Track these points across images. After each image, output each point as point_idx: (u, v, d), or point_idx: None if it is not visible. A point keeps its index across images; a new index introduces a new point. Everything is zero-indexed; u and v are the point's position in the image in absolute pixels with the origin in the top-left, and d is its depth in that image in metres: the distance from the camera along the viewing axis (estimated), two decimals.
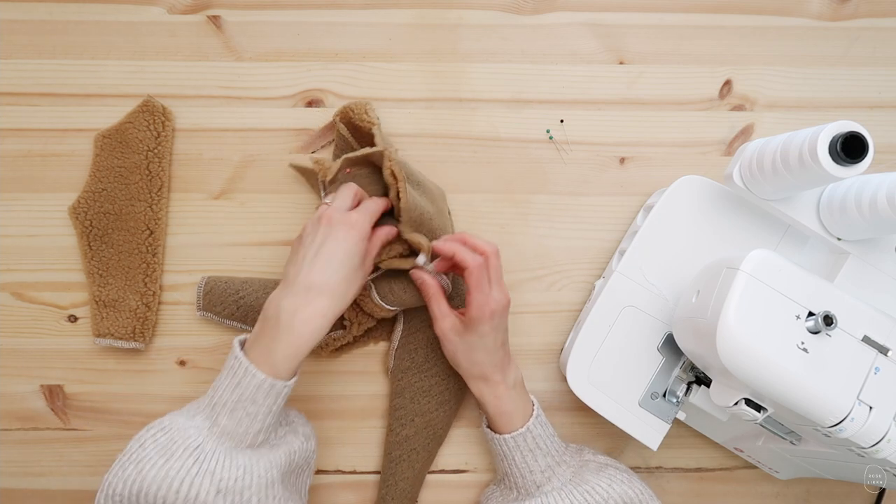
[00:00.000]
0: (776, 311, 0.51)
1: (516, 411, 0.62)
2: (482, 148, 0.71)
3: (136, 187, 0.68)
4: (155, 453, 0.50)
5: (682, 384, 0.63)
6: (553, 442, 0.63)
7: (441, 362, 0.67)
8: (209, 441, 0.52)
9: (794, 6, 0.73)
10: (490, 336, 0.60)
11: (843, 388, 0.51)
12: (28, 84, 0.70)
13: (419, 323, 0.68)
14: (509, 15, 0.72)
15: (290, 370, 0.54)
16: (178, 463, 0.50)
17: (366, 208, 0.59)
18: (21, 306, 0.69)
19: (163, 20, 0.70)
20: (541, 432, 0.62)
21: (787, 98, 0.73)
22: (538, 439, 0.62)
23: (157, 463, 0.50)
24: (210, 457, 0.51)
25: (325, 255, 0.55)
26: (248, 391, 0.53)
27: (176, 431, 0.52)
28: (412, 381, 0.67)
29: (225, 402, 0.53)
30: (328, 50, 0.71)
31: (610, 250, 0.71)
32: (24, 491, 0.69)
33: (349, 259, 0.56)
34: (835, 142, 0.47)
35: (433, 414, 0.67)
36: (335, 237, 0.55)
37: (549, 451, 0.62)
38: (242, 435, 0.53)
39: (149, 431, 0.52)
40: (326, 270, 0.55)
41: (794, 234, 0.64)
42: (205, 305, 0.67)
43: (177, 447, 0.51)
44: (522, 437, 0.61)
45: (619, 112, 0.72)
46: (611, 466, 0.62)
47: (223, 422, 0.53)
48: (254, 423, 0.53)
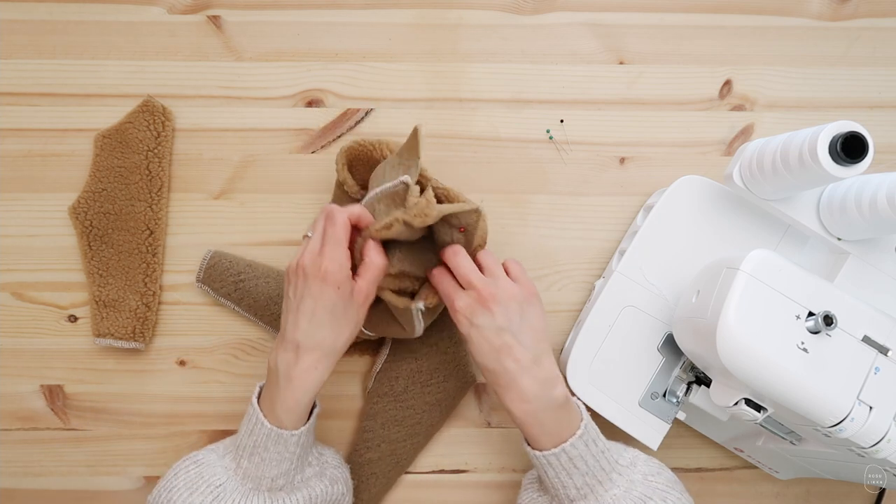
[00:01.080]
0: (776, 311, 0.51)
1: (545, 435, 0.55)
2: (482, 148, 0.71)
3: (136, 187, 0.68)
4: (184, 485, 0.54)
5: (682, 384, 0.63)
6: (598, 461, 0.55)
7: (419, 396, 0.67)
8: (231, 481, 0.55)
9: (794, 6, 0.73)
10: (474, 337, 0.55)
11: (843, 388, 0.51)
12: (28, 84, 0.70)
13: (405, 352, 0.67)
14: (509, 15, 0.72)
15: (293, 421, 0.55)
16: (199, 498, 0.53)
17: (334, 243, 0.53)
18: (21, 306, 0.69)
19: (163, 20, 0.70)
20: (581, 453, 0.55)
21: (787, 98, 0.73)
22: (576, 460, 0.55)
23: (182, 494, 0.53)
24: (228, 496, 0.54)
25: (304, 313, 0.53)
26: (261, 439, 0.55)
27: (205, 467, 0.55)
28: (387, 407, 0.67)
29: (245, 446, 0.55)
30: (328, 50, 0.71)
31: (610, 250, 0.71)
32: (24, 491, 0.69)
33: (329, 313, 0.53)
34: (835, 142, 0.47)
35: (401, 444, 0.67)
36: (310, 293, 0.53)
37: (588, 472, 0.55)
38: (261, 478, 0.55)
39: (184, 462, 0.56)
40: (308, 328, 0.54)
41: (794, 234, 0.64)
42: (204, 278, 0.67)
43: (202, 482, 0.54)
44: (556, 457, 0.55)
45: (619, 112, 0.72)
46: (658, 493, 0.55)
47: (244, 464, 0.55)
48: (270, 468, 0.55)
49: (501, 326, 0.55)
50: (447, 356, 0.68)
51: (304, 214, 0.70)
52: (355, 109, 0.71)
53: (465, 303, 0.56)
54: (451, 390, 0.68)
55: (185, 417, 0.69)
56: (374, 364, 0.68)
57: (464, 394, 0.69)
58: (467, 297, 0.56)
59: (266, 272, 0.67)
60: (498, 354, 0.55)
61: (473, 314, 0.56)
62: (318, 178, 0.70)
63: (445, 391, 0.68)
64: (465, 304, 0.56)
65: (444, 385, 0.68)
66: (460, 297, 0.56)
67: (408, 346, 0.67)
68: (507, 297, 0.56)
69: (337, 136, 0.71)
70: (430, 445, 0.70)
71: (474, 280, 0.56)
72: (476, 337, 0.56)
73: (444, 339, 0.67)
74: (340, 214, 0.54)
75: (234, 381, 0.69)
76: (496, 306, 0.55)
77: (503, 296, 0.56)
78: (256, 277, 0.67)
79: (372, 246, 0.55)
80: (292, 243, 0.70)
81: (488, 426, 0.71)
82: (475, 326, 0.56)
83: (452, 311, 0.57)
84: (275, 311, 0.66)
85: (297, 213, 0.70)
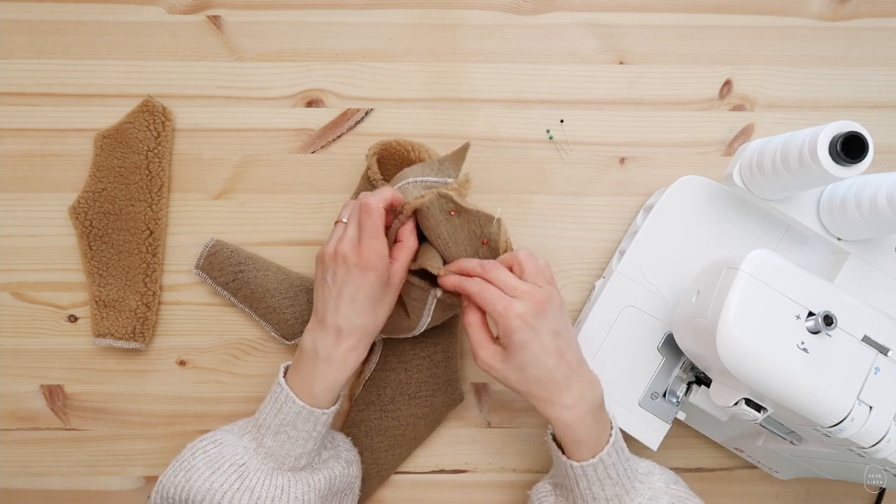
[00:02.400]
0: (776, 311, 0.51)
1: (588, 440, 0.55)
2: (482, 148, 0.71)
3: (136, 187, 0.68)
4: (204, 464, 0.54)
5: (682, 384, 0.63)
6: (626, 469, 0.56)
7: (405, 408, 0.67)
8: (254, 460, 0.55)
9: (794, 6, 0.73)
10: (534, 344, 0.54)
11: (843, 388, 0.51)
12: (28, 84, 0.70)
13: (396, 362, 0.67)
14: (509, 15, 0.72)
15: (328, 399, 0.57)
16: (222, 477, 0.53)
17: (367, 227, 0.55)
18: (21, 306, 0.69)
19: (163, 20, 0.70)
20: (614, 461, 0.55)
21: (787, 98, 0.73)
22: (609, 469, 0.55)
23: (203, 474, 0.54)
24: (252, 475, 0.54)
25: (346, 299, 0.56)
26: (290, 417, 0.55)
27: (225, 447, 0.56)
28: (371, 416, 0.67)
29: (269, 425, 0.56)
30: (328, 50, 0.71)
31: (610, 250, 0.71)
32: (24, 491, 0.69)
33: (370, 298, 0.56)
34: (835, 142, 0.47)
35: (382, 454, 0.67)
36: (352, 280, 0.55)
37: (619, 481, 0.55)
38: (284, 457, 0.56)
39: (201, 442, 0.56)
40: (350, 314, 0.56)
41: (794, 234, 0.64)
42: (204, 265, 0.67)
43: (224, 461, 0.54)
44: (593, 468, 0.55)
45: (619, 112, 0.72)
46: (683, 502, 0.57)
47: (268, 443, 0.56)
48: (295, 447, 0.56)
49: (556, 330, 0.55)
50: (438, 370, 0.67)
51: (304, 214, 0.70)
52: (355, 109, 0.71)
53: (525, 308, 0.54)
54: (438, 405, 0.68)
55: (185, 417, 0.69)
56: (364, 371, 0.68)
57: (450, 410, 0.69)
58: (524, 304, 0.54)
59: (266, 266, 0.67)
60: (556, 359, 0.55)
61: (536, 317, 0.54)
62: (318, 178, 0.70)
63: (432, 405, 0.68)
64: (525, 309, 0.53)
65: (432, 399, 0.67)
66: (518, 303, 0.54)
67: (399, 357, 0.67)
68: (549, 298, 0.55)
69: (337, 136, 0.71)
70: (430, 445, 0.70)
71: (523, 287, 0.55)
72: (535, 343, 0.54)
73: (438, 353, 0.67)
74: (376, 204, 0.55)
75: (234, 381, 0.69)
76: (550, 309, 0.55)
77: (552, 300, 0.55)
78: (256, 270, 0.67)
79: (408, 229, 0.59)
80: (292, 243, 0.70)
81: (488, 426, 0.71)
82: (535, 330, 0.54)
83: (506, 319, 0.54)
84: (270, 305, 0.66)
85: (297, 213, 0.70)
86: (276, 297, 0.66)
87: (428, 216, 0.58)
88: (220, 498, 0.53)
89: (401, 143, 0.66)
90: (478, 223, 0.58)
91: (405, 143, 0.66)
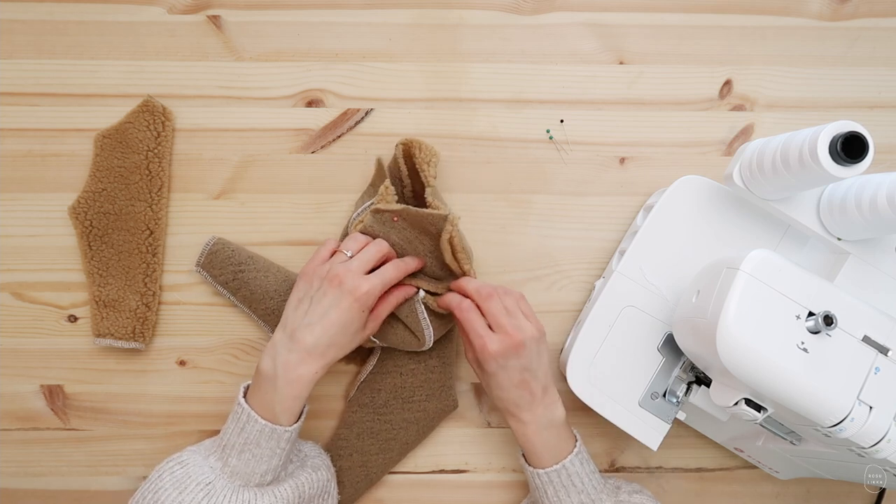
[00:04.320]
0: (776, 311, 0.51)
1: (545, 451, 0.60)
2: (482, 148, 0.71)
3: (136, 187, 0.68)
4: (171, 485, 0.54)
5: (682, 384, 0.63)
6: (591, 479, 0.61)
7: (398, 412, 0.67)
8: (220, 479, 0.56)
9: (794, 6, 0.73)
10: (500, 375, 0.59)
11: (843, 388, 0.51)
12: (28, 84, 0.70)
13: (392, 366, 0.68)
14: (509, 15, 0.72)
15: (290, 418, 0.57)
16: (189, 496, 0.54)
17: (382, 277, 0.59)
18: (21, 306, 0.69)
19: (163, 20, 0.70)
20: (578, 470, 0.60)
21: (787, 98, 0.73)
22: (573, 477, 0.60)
23: (171, 494, 0.54)
24: (219, 493, 0.55)
25: (326, 323, 0.57)
26: (252, 435, 0.56)
27: (192, 467, 0.56)
28: (364, 418, 0.67)
29: (233, 445, 0.57)
30: (328, 50, 0.71)
31: (610, 250, 0.71)
32: (24, 491, 0.69)
33: (348, 328, 0.58)
34: (835, 142, 0.47)
35: (373, 457, 0.67)
36: (340, 307, 0.57)
37: (584, 489, 0.60)
38: (250, 475, 0.56)
39: (168, 464, 0.57)
40: (324, 337, 0.57)
41: (794, 234, 0.64)
42: (204, 263, 0.67)
43: (190, 481, 0.55)
44: (556, 473, 0.60)
45: (619, 112, 0.72)
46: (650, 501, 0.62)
47: (233, 462, 0.56)
48: (260, 464, 0.56)
49: (525, 366, 0.59)
50: (433, 375, 0.68)
51: (304, 214, 0.70)
52: (355, 109, 0.71)
53: (498, 347, 0.58)
54: (431, 411, 0.68)
55: (185, 417, 0.69)
56: (360, 373, 0.69)
57: (443, 417, 0.69)
58: (499, 342, 0.58)
59: (267, 266, 0.67)
60: (518, 389, 0.60)
61: (505, 357, 0.59)
62: (318, 178, 0.70)
63: (425, 411, 0.68)
64: (498, 348, 0.58)
65: (426, 404, 0.67)
66: (493, 340, 0.58)
67: (395, 361, 0.67)
68: (530, 338, 0.59)
69: (337, 136, 0.71)
70: (429, 445, 0.70)
71: (506, 324, 0.59)
72: (502, 376, 0.59)
73: (434, 359, 0.67)
74: (405, 267, 0.60)
75: (234, 381, 0.69)
76: (523, 350, 0.59)
77: (528, 338, 0.59)
78: (257, 270, 0.67)
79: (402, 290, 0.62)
80: (292, 243, 0.70)
81: (488, 426, 0.71)
82: (503, 367, 0.59)
83: (480, 352, 0.59)
84: (269, 306, 0.66)
85: (297, 213, 0.70)
86: (276, 299, 0.66)
87: (377, 232, 0.61)
88: None
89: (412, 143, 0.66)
90: (430, 223, 0.60)
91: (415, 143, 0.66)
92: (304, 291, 0.59)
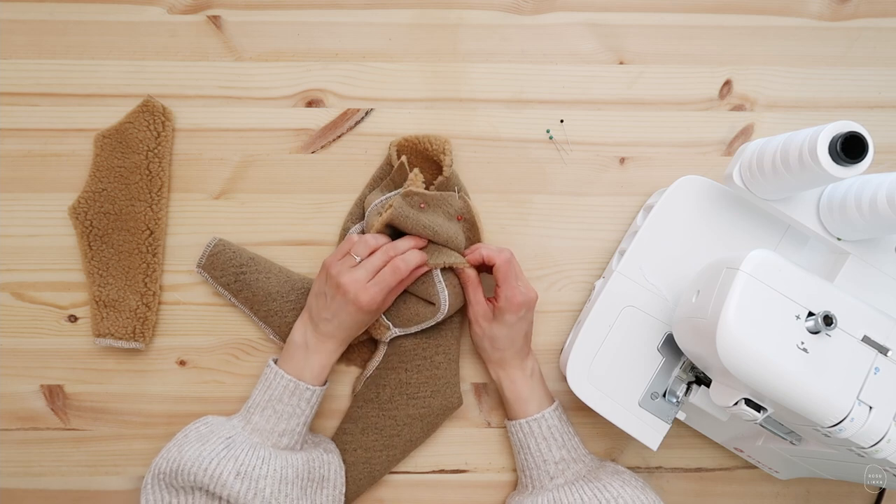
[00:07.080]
0: (776, 311, 0.51)
1: (532, 398, 0.66)
2: (482, 148, 0.71)
3: (136, 187, 0.68)
4: (195, 439, 0.60)
5: (682, 384, 0.63)
6: (572, 440, 0.65)
7: (403, 408, 0.67)
8: (241, 434, 0.61)
9: (794, 6, 0.73)
10: (515, 326, 0.65)
11: (842, 388, 0.51)
12: (28, 84, 0.70)
13: (396, 362, 0.68)
14: (509, 15, 0.72)
15: (315, 379, 0.63)
16: (210, 447, 0.59)
17: (381, 285, 0.61)
18: (21, 306, 0.69)
19: (163, 20, 0.70)
20: (557, 424, 0.65)
21: (787, 98, 0.73)
22: (553, 430, 0.65)
23: (194, 446, 0.59)
24: (238, 446, 0.59)
25: (336, 322, 0.62)
26: (277, 392, 0.62)
27: (216, 425, 0.62)
28: (369, 413, 0.67)
29: (258, 403, 0.63)
30: (328, 50, 0.71)
31: (610, 250, 0.71)
32: (24, 491, 0.69)
33: (358, 325, 0.64)
34: (835, 142, 0.47)
35: (376, 453, 0.67)
36: (346, 311, 0.62)
37: (564, 445, 0.64)
38: (269, 432, 0.61)
39: (194, 424, 0.63)
40: (339, 330, 0.63)
41: (794, 234, 0.64)
42: (205, 265, 0.67)
43: (213, 436, 0.60)
44: (537, 422, 0.65)
45: (619, 112, 0.72)
46: (627, 473, 0.64)
47: (255, 419, 0.62)
48: (280, 422, 0.61)
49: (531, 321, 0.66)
50: (439, 371, 0.68)
51: (304, 214, 0.70)
52: (355, 109, 0.71)
53: (524, 299, 0.64)
54: (435, 407, 0.68)
55: (185, 417, 0.69)
56: (366, 368, 0.69)
57: (448, 415, 0.68)
58: (525, 295, 0.64)
59: (268, 268, 0.67)
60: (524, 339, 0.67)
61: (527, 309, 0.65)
62: (318, 178, 0.70)
63: (430, 407, 0.67)
64: (524, 300, 0.64)
65: (430, 401, 0.67)
66: (522, 292, 0.64)
67: (400, 357, 0.67)
68: (536, 296, 0.66)
69: (337, 136, 0.71)
70: (430, 445, 0.70)
71: (526, 281, 0.66)
72: (518, 327, 0.65)
73: (439, 355, 0.68)
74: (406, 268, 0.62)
75: (234, 381, 0.69)
76: (534, 304, 0.66)
77: (536, 295, 0.66)
78: (258, 272, 0.67)
79: None
80: (292, 243, 0.70)
81: (488, 426, 0.71)
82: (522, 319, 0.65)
83: (512, 301, 0.64)
84: (271, 308, 0.66)
85: (297, 213, 0.70)
86: (278, 301, 0.66)
87: (405, 218, 0.63)
88: (208, 464, 0.57)
89: (419, 139, 0.68)
90: (447, 203, 0.66)
91: (423, 139, 0.68)
92: (322, 286, 0.63)
